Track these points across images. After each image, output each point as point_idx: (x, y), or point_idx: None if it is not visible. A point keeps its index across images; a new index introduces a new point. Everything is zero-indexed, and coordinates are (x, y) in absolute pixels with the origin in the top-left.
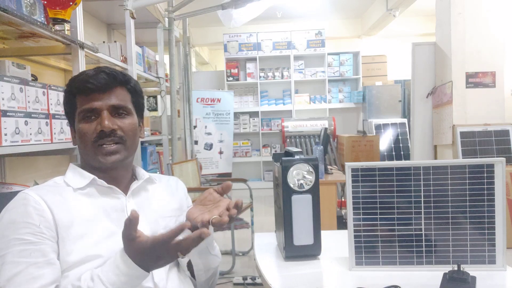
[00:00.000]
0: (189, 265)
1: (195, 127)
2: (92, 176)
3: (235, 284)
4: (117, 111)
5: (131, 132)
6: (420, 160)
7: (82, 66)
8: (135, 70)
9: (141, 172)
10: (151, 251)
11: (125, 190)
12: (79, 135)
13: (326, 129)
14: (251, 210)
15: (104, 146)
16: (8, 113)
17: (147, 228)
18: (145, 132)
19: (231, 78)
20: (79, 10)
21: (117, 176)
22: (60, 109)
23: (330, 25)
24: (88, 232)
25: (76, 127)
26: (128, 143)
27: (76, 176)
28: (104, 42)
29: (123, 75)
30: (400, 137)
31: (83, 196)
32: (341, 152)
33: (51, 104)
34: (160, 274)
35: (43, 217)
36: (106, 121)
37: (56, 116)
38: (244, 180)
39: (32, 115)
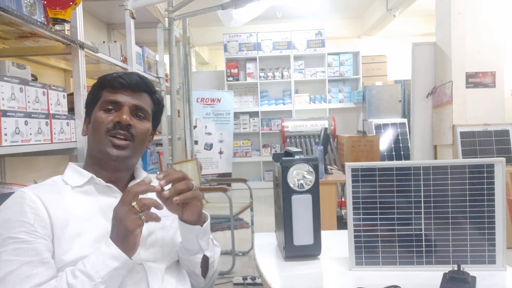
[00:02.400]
0: (202, 262)
1: (195, 127)
2: (90, 174)
3: (235, 284)
4: (136, 112)
5: (142, 135)
6: (420, 160)
7: (82, 66)
8: (135, 70)
9: (141, 173)
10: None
11: (123, 190)
12: (94, 122)
13: (326, 129)
14: (251, 210)
15: (115, 139)
16: (8, 113)
17: (145, 228)
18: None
19: (231, 78)
20: (79, 10)
21: (117, 177)
22: (60, 109)
23: (330, 25)
24: (84, 231)
25: (93, 115)
26: (137, 144)
27: (75, 175)
28: (104, 42)
29: (152, 85)
30: (400, 137)
31: (81, 194)
32: (341, 152)
33: (51, 104)
34: (156, 276)
35: (38, 216)
36: (125, 115)
37: (56, 116)
38: (244, 180)
39: (32, 115)
